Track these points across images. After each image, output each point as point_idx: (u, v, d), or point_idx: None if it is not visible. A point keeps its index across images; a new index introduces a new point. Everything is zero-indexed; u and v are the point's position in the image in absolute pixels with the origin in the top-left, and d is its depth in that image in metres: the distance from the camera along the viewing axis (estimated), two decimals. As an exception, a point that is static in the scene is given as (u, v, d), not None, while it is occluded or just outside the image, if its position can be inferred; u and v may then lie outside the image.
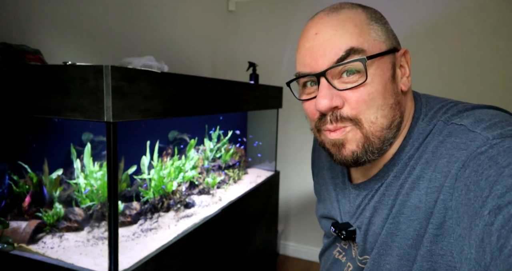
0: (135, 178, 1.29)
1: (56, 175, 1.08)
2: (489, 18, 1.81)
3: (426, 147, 0.51)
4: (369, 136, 0.51)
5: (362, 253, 0.60)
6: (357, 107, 0.50)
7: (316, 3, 2.16)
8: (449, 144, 0.48)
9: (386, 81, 0.51)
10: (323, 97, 0.50)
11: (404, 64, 0.56)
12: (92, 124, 1.13)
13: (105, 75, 0.72)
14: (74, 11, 1.23)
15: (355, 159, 0.53)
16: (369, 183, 0.60)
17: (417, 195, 0.50)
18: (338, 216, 0.67)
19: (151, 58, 1.17)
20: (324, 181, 0.74)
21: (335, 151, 0.55)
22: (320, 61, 0.51)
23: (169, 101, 0.93)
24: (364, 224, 0.59)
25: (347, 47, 0.49)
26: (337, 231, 0.63)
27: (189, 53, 1.99)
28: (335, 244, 0.71)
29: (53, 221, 1.01)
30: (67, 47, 1.22)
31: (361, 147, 0.52)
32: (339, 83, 0.51)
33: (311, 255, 2.41)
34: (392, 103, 0.52)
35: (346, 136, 0.52)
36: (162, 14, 1.71)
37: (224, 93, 1.25)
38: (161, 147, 1.47)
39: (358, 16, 0.52)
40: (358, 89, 0.50)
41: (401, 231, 0.52)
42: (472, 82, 1.87)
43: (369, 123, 0.51)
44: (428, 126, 0.53)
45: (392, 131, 0.52)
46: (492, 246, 0.35)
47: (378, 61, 0.51)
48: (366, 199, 0.60)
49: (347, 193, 0.66)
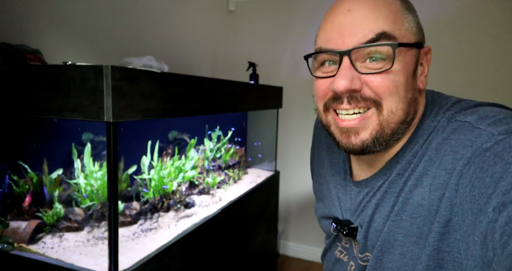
0: (135, 178, 1.29)
1: (56, 175, 1.08)
2: (489, 18, 1.81)
3: (429, 144, 0.50)
4: (384, 126, 0.50)
5: (362, 250, 0.59)
6: (379, 91, 0.48)
7: (316, 3, 2.16)
8: (454, 141, 0.47)
9: (409, 74, 0.50)
10: (343, 77, 0.48)
11: (424, 63, 0.54)
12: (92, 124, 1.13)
13: (105, 75, 0.72)
14: (74, 11, 1.23)
15: (363, 148, 0.51)
16: (372, 180, 0.58)
17: (420, 192, 0.49)
18: (339, 214, 0.66)
19: (151, 58, 1.17)
20: (324, 179, 0.74)
21: (342, 138, 0.53)
22: (348, 39, 0.48)
23: (169, 101, 0.93)
24: (365, 222, 0.58)
25: (379, 30, 0.47)
26: (339, 227, 0.62)
27: (189, 53, 1.99)
28: (336, 243, 0.70)
29: (53, 221, 1.01)
30: (67, 47, 1.22)
31: (374, 136, 0.50)
32: (362, 66, 0.49)
33: (311, 255, 2.41)
34: (410, 98, 0.50)
35: (365, 123, 0.50)
36: (162, 14, 1.71)
37: (224, 93, 1.25)
38: (161, 147, 1.47)
39: (394, 2, 0.50)
40: (382, 75, 0.48)
41: (403, 228, 0.51)
42: (472, 82, 1.87)
43: (389, 112, 0.49)
44: (433, 123, 0.52)
45: (403, 127, 0.51)
46: (495, 243, 0.35)
47: (405, 52, 0.49)
48: (367, 196, 0.59)
49: (348, 190, 0.64)
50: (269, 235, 1.94)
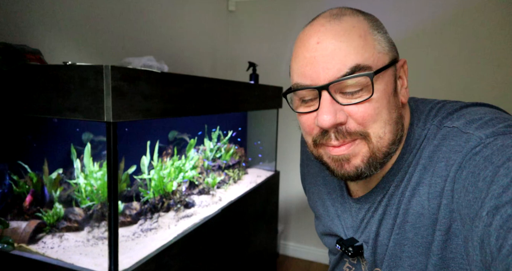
0: (135, 178, 1.29)
1: (56, 175, 1.08)
2: (488, 18, 1.81)
3: (422, 152, 0.51)
4: (375, 152, 0.49)
5: (371, 267, 0.59)
6: (364, 122, 0.48)
7: (316, 3, 2.16)
8: (445, 147, 0.47)
9: (389, 95, 0.49)
10: (327, 112, 0.47)
11: (402, 75, 0.53)
12: (92, 124, 1.13)
13: (105, 75, 0.72)
14: (74, 11, 1.23)
15: (358, 174, 0.50)
16: (370, 196, 0.58)
17: (419, 201, 0.49)
18: (341, 233, 0.64)
19: (151, 58, 1.17)
20: (319, 197, 0.72)
21: (336, 166, 0.52)
22: (322, 74, 0.47)
23: (169, 101, 0.93)
24: (371, 239, 0.57)
25: (353, 64, 0.46)
26: (343, 248, 0.61)
27: (189, 53, 1.99)
28: (343, 259, 0.68)
29: (53, 221, 1.01)
30: (67, 47, 1.22)
31: (366, 162, 0.49)
32: (342, 97, 0.48)
33: (311, 255, 2.41)
34: (396, 118, 0.50)
35: (353, 150, 0.49)
36: (162, 14, 1.71)
37: (224, 93, 1.25)
38: (161, 147, 1.47)
39: (361, 25, 0.48)
40: (364, 104, 0.47)
41: (408, 239, 0.51)
42: (472, 82, 1.87)
43: (377, 138, 0.49)
44: (423, 131, 0.52)
45: (395, 146, 0.51)
46: (492, 247, 0.35)
47: (382, 75, 0.48)
48: (369, 212, 0.58)
49: (348, 207, 0.63)
50: (269, 235, 1.94)
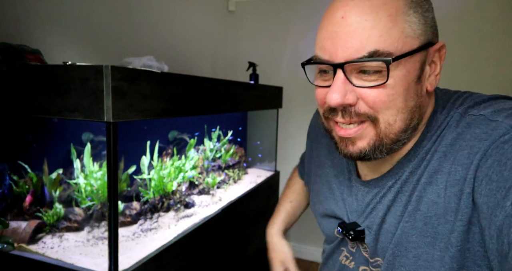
0: (135, 178, 1.29)
1: (56, 175, 1.08)
2: (488, 18, 1.81)
3: (442, 140, 0.49)
4: (382, 137, 0.48)
5: (373, 255, 0.57)
6: (374, 106, 0.46)
7: (316, 3, 2.16)
8: (469, 135, 0.45)
9: (410, 82, 0.46)
10: (336, 91, 0.46)
11: (436, 60, 0.50)
12: (92, 124, 1.12)
13: (105, 75, 0.72)
14: (74, 11, 1.23)
15: (361, 156, 0.50)
16: (381, 180, 0.56)
17: (435, 190, 0.47)
18: (344, 216, 0.63)
19: (151, 58, 1.17)
20: (325, 180, 0.71)
21: (341, 145, 0.52)
22: (340, 51, 0.45)
23: (169, 101, 0.93)
24: (376, 224, 0.55)
25: (372, 49, 0.43)
26: (344, 231, 0.59)
27: (189, 53, 1.99)
28: (340, 248, 0.66)
29: (53, 221, 1.01)
30: (67, 47, 1.22)
31: (372, 145, 0.49)
32: (357, 78, 0.46)
33: (311, 255, 2.41)
34: (413, 106, 0.47)
35: (361, 134, 0.49)
36: (162, 14, 1.71)
37: (224, 93, 1.25)
38: (161, 147, 1.47)
39: (394, 2, 0.44)
40: (378, 89, 0.45)
41: (417, 229, 0.49)
42: (472, 82, 1.87)
43: (386, 124, 0.47)
44: (446, 119, 0.50)
45: (407, 133, 0.49)
46: (510, 238, 0.34)
47: (405, 61, 0.45)
48: (377, 197, 0.56)
49: (354, 191, 0.61)
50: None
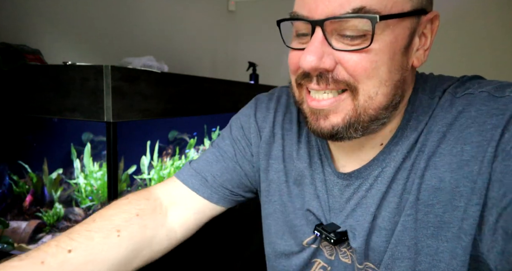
0: (135, 178, 1.29)
1: (56, 175, 1.08)
2: (488, 18, 1.81)
3: (435, 120, 0.44)
4: (360, 112, 0.41)
5: (362, 260, 0.47)
6: (355, 74, 0.40)
7: (316, 3, 2.17)
8: (474, 112, 0.41)
9: (396, 51, 0.40)
10: (312, 52, 0.39)
11: (427, 33, 0.44)
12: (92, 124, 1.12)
13: (105, 75, 0.72)
14: (74, 11, 1.23)
15: (333, 134, 0.43)
16: (365, 170, 0.47)
17: (434, 174, 0.42)
18: (321, 217, 0.51)
19: (151, 58, 1.17)
20: (293, 177, 0.56)
21: (312, 119, 0.44)
22: (321, 6, 0.39)
23: (169, 101, 0.93)
24: (366, 222, 0.46)
25: (357, 5, 0.37)
26: (323, 235, 0.49)
27: (189, 53, 1.99)
28: (313, 260, 0.53)
29: (53, 221, 1.01)
30: (67, 47, 1.22)
31: (346, 122, 0.42)
32: (338, 41, 0.40)
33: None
34: (397, 80, 0.41)
35: (336, 107, 0.42)
36: (162, 14, 1.71)
37: (224, 93, 1.25)
38: (161, 147, 1.47)
39: None
40: (360, 53, 0.39)
41: (418, 221, 0.43)
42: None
43: (366, 97, 0.41)
44: (433, 99, 0.45)
45: (387, 112, 0.43)
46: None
47: (393, 25, 0.39)
48: (360, 190, 0.48)
49: (330, 186, 0.51)
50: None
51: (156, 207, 0.55)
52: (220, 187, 0.58)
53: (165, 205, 0.56)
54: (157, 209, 0.55)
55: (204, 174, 0.58)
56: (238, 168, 0.59)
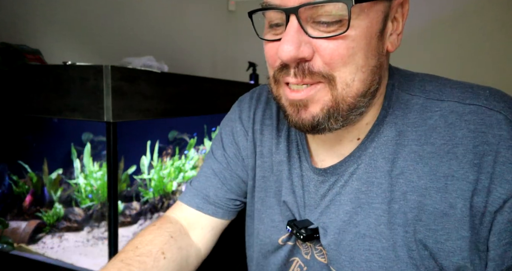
0: (135, 178, 1.29)
1: (56, 175, 1.08)
2: (488, 18, 1.81)
3: (411, 122, 0.43)
4: (339, 101, 0.41)
5: (332, 261, 0.46)
6: (331, 62, 0.39)
7: (316, 3, 2.16)
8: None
9: (372, 36, 0.40)
10: (289, 42, 0.38)
11: (398, 17, 0.43)
12: (92, 124, 1.13)
13: (105, 75, 0.72)
14: (74, 11, 1.23)
15: (314, 125, 0.42)
16: (341, 166, 0.47)
17: (413, 178, 0.41)
18: (296, 212, 0.51)
19: (151, 58, 1.17)
20: (264, 172, 0.57)
21: (292, 112, 0.43)
22: None
23: (169, 101, 0.93)
24: (340, 220, 0.46)
25: None
26: (294, 230, 0.48)
27: (189, 53, 1.99)
28: (292, 258, 0.53)
29: (53, 221, 1.01)
30: (67, 47, 1.22)
31: (325, 112, 0.41)
32: (313, 29, 0.39)
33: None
34: (373, 66, 0.41)
35: (313, 96, 0.41)
36: (162, 14, 1.71)
37: (224, 93, 1.25)
38: (161, 147, 1.47)
39: None
40: (336, 40, 0.38)
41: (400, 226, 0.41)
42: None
43: (343, 85, 0.40)
44: (410, 96, 0.45)
45: (366, 99, 0.42)
46: None
47: (368, 9, 0.39)
48: (335, 186, 0.47)
49: (306, 181, 0.51)
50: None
51: (181, 229, 0.57)
52: (223, 200, 0.59)
53: (184, 227, 0.58)
54: (182, 231, 0.57)
55: (206, 190, 0.58)
56: (235, 176, 0.59)
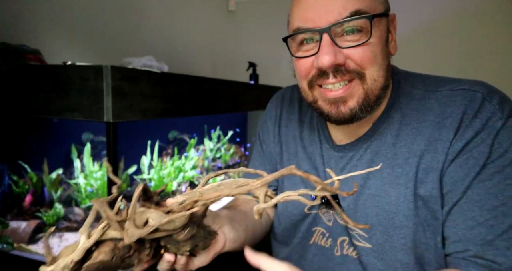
0: (135, 178, 1.29)
1: (56, 175, 1.08)
2: (487, 18, 1.81)
3: (422, 108, 0.55)
4: (369, 93, 0.52)
5: (351, 218, 0.55)
6: (362, 63, 0.51)
7: (316, 3, 2.16)
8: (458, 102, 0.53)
9: (384, 42, 0.53)
10: (327, 53, 0.49)
11: (392, 29, 0.57)
12: (92, 124, 1.13)
13: (105, 75, 0.72)
14: (74, 11, 1.23)
15: (352, 116, 0.53)
16: (357, 143, 0.59)
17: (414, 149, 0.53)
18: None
19: (151, 58, 1.17)
20: (292, 156, 0.69)
21: (331, 109, 0.54)
22: (324, 16, 0.50)
23: (169, 101, 0.93)
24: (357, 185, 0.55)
25: (353, 8, 0.49)
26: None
27: (189, 53, 1.99)
28: (312, 230, 0.63)
29: (53, 221, 1.01)
30: (67, 47, 1.22)
31: (360, 104, 0.53)
32: (341, 41, 0.51)
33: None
34: (387, 65, 0.54)
35: (350, 92, 0.52)
36: (162, 14, 1.71)
37: (224, 93, 1.25)
38: (161, 147, 1.47)
39: None
40: (362, 47, 0.50)
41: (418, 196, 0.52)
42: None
43: (372, 80, 0.52)
44: (413, 89, 0.57)
45: (384, 91, 0.55)
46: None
47: (378, 22, 0.51)
48: (353, 160, 0.59)
49: (327, 158, 0.62)
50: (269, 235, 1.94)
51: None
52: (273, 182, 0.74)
53: None
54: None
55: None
56: (272, 164, 0.76)
